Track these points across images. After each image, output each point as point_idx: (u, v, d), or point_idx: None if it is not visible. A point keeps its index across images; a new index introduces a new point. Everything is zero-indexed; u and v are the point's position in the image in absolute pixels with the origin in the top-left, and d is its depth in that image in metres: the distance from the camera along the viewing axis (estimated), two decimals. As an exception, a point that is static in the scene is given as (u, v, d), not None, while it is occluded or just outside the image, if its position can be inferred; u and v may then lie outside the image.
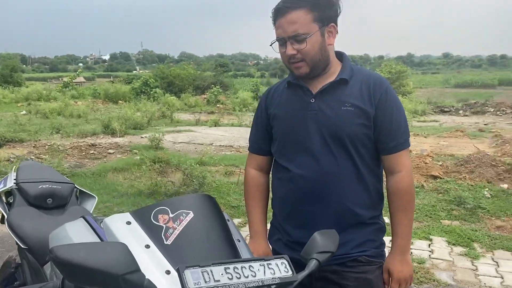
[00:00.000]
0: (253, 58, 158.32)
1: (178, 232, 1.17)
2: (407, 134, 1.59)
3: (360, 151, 1.53)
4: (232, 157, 8.05)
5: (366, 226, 1.58)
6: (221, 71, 43.57)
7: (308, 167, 1.54)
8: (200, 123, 13.49)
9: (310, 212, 1.56)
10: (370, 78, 1.57)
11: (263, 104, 1.73)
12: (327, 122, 1.52)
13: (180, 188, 5.61)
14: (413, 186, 1.60)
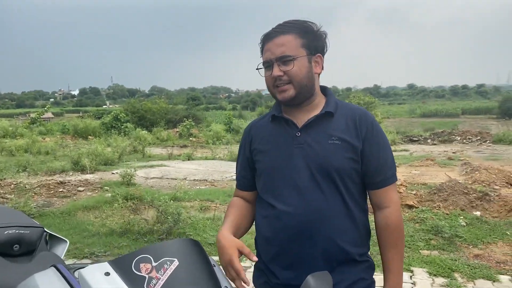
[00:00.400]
0: (224, 91, 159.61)
1: (163, 282, 1.09)
2: (394, 168, 1.57)
3: (348, 185, 1.50)
4: (207, 192, 7.91)
5: (356, 264, 1.53)
6: (193, 104, 43.71)
7: (295, 203, 1.48)
8: (173, 157, 13.30)
9: (298, 251, 1.49)
10: (355, 112, 1.56)
11: (246, 139, 1.69)
12: (314, 156, 1.48)
13: (154, 226, 5.42)
14: (402, 221, 1.58)
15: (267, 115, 1.68)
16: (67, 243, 2.31)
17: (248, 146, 1.66)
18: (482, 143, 17.07)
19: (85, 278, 1.09)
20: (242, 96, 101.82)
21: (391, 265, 1.54)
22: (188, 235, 5.32)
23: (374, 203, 1.58)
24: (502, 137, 17.24)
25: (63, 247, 2.27)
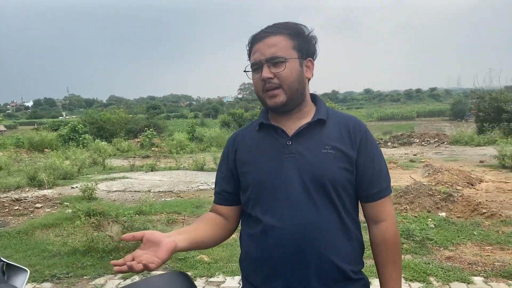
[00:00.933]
0: (185, 99, 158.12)
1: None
2: (389, 179, 1.49)
3: (342, 197, 1.40)
4: (174, 204, 7.67)
5: (352, 282, 1.42)
6: (154, 113, 42.95)
7: (287, 218, 1.37)
8: (135, 169, 12.92)
9: (291, 272, 1.37)
10: (349, 120, 1.47)
11: (229, 150, 1.55)
12: (307, 166, 1.38)
13: (120, 243, 5.15)
14: (399, 235, 1.49)
15: (253, 124, 1.56)
16: (27, 272, 2.09)
17: (233, 156, 1.52)
18: (440, 145, 17.64)
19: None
20: (203, 104, 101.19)
21: (390, 282, 1.44)
22: (156, 250, 5.08)
23: (369, 217, 1.48)
24: (458, 138, 17.89)
25: (22, 277, 2.05)
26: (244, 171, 1.48)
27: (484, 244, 5.01)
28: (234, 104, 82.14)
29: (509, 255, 4.63)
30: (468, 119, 37.48)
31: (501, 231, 5.43)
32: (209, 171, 12.12)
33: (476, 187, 8.35)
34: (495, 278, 4.04)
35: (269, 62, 1.37)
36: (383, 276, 1.45)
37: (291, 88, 1.39)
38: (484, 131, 18.49)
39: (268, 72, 1.37)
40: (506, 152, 10.29)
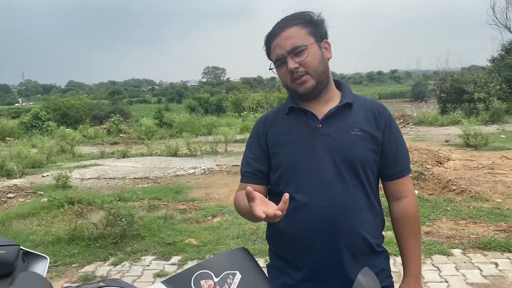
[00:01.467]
0: (147, 84, 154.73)
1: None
2: (409, 159, 1.60)
3: (369, 176, 1.49)
4: (153, 190, 7.64)
5: (378, 255, 1.53)
6: (118, 98, 41.97)
7: (319, 195, 1.45)
8: (106, 156, 12.69)
9: (325, 245, 1.45)
10: (374, 104, 1.56)
11: (260, 131, 1.61)
12: (338, 147, 1.45)
13: (105, 230, 5.12)
14: (418, 211, 1.60)
15: (281, 107, 1.63)
16: (47, 259, 2.09)
17: (264, 138, 1.58)
18: (405, 125, 18.21)
19: (142, 303, 0.97)
20: (166, 88, 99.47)
21: (412, 255, 1.55)
22: (143, 236, 5.10)
23: (392, 194, 1.58)
24: (422, 118, 18.51)
25: (43, 264, 2.05)
26: (276, 153, 1.54)
27: (458, 219, 5.30)
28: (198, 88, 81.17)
29: (482, 228, 4.93)
30: (428, 100, 38.69)
31: (472, 206, 5.75)
32: (183, 156, 12.07)
33: (444, 165, 8.73)
34: (472, 250, 4.31)
35: (291, 54, 1.43)
36: (405, 249, 1.56)
37: (317, 71, 1.46)
38: (446, 111, 19.20)
39: (293, 63, 1.43)
40: (470, 132, 10.78)
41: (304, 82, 1.45)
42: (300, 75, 1.44)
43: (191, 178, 8.88)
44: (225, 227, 5.38)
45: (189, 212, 6.27)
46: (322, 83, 1.48)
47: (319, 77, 1.46)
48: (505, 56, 21.23)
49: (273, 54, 1.48)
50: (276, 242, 1.58)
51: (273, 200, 1.59)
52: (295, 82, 1.46)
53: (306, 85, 1.45)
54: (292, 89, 1.50)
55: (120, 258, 4.57)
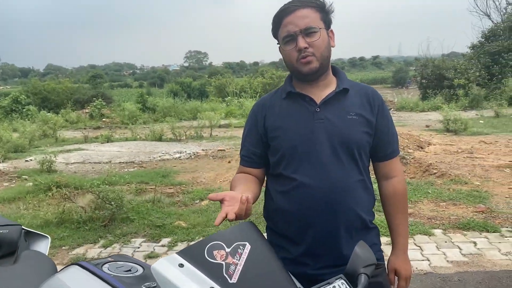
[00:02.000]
0: (128, 68, 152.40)
1: (241, 267, 1.08)
2: (398, 141, 1.71)
3: (363, 158, 1.58)
4: (139, 174, 7.66)
5: (370, 230, 1.63)
6: (99, 82, 41.33)
7: (320, 177, 1.51)
8: (90, 140, 12.60)
9: (323, 221, 1.53)
10: (368, 89, 1.64)
11: (258, 115, 1.66)
12: (336, 131, 1.52)
13: (93, 213, 5.16)
14: (406, 189, 1.71)
15: (277, 92, 1.68)
16: (49, 239, 2.16)
17: (262, 122, 1.63)
18: (387, 111, 18.46)
19: (160, 272, 1.05)
20: (148, 73, 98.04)
21: (400, 229, 1.66)
22: (132, 219, 5.16)
23: (382, 174, 1.67)
24: (404, 104, 18.81)
25: (45, 243, 2.13)
26: (275, 136, 1.59)
27: (438, 201, 5.49)
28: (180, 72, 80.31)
29: (461, 210, 5.13)
30: (409, 86, 39.14)
31: (452, 189, 5.95)
32: (168, 141, 12.07)
33: (425, 150, 8.96)
34: (452, 230, 4.50)
35: (303, 33, 1.48)
36: (394, 224, 1.67)
37: (323, 56, 1.52)
38: (427, 97, 19.53)
39: (304, 42, 1.47)
40: (450, 117, 11.04)
41: (309, 63, 1.50)
42: (307, 55, 1.49)
43: (177, 162, 8.91)
44: (213, 210, 5.46)
45: (176, 195, 6.33)
46: (324, 67, 1.55)
47: (323, 61, 1.52)
48: (484, 43, 21.61)
49: (284, 30, 1.51)
50: (276, 220, 1.64)
51: (273, 181, 1.66)
52: (300, 60, 1.51)
53: (310, 66, 1.51)
54: (296, 68, 1.54)
55: (110, 240, 4.63)
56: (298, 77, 1.60)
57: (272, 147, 1.62)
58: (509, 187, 5.98)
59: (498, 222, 4.68)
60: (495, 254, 3.93)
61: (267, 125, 1.62)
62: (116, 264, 1.46)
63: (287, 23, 1.49)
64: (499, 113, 13.87)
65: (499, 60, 20.30)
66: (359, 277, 1.22)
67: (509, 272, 3.58)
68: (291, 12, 1.49)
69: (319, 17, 1.51)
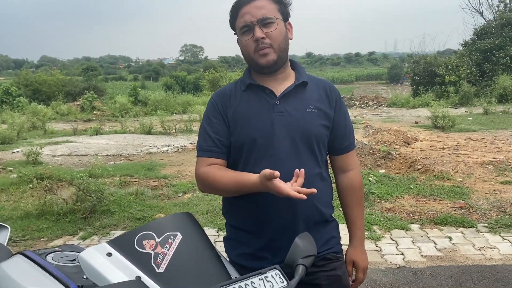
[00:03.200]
0: (123, 61, 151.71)
1: (170, 257, 1.09)
2: (354, 135, 1.71)
3: (321, 151, 1.58)
4: (124, 167, 7.65)
5: (329, 223, 1.63)
6: (92, 75, 41.13)
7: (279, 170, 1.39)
8: (79, 133, 12.55)
9: (282, 216, 1.51)
10: (325, 83, 1.65)
11: (217, 107, 1.59)
12: (295, 123, 1.51)
13: (74, 205, 5.15)
14: (362, 182, 1.73)
15: (236, 84, 1.64)
16: (8, 229, 2.14)
17: (222, 114, 1.57)
18: (379, 107, 18.53)
19: (87, 261, 1.05)
20: (143, 66, 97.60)
21: (357, 222, 1.68)
22: (113, 211, 5.16)
23: (339, 167, 1.68)
24: (395, 100, 18.88)
25: (3, 234, 2.11)
26: (235, 128, 1.54)
27: (419, 196, 5.53)
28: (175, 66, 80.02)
29: (441, 205, 5.17)
30: (403, 82, 39.24)
31: (434, 184, 5.99)
32: (157, 134, 12.05)
33: (412, 145, 9.00)
34: (429, 225, 4.53)
35: (260, 23, 1.46)
36: (351, 216, 1.68)
37: (280, 47, 1.50)
38: (419, 94, 19.60)
39: (261, 32, 1.46)
40: (438, 114, 11.09)
41: (266, 55, 1.48)
42: (264, 47, 1.48)
43: (164, 155, 8.91)
44: (195, 203, 5.48)
45: (160, 188, 6.34)
46: (282, 60, 1.53)
47: (281, 53, 1.51)
48: (476, 41, 21.67)
49: (240, 20, 1.50)
50: (235, 216, 1.62)
51: None
52: (258, 52, 1.49)
53: (267, 58, 1.49)
54: (253, 59, 1.52)
55: (89, 232, 4.63)
56: (256, 69, 1.57)
57: (232, 141, 1.56)
58: (491, 183, 6.03)
59: (476, 217, 4.72)
60: (469, 249, 3.96)
61: (227, 116, 1.57)
62: (62, 253, 1.47)
63: (243, 13, 1.48)
64: (488, 110, 13.94)
65: (490, 57, 20.38)
66: (297, 268, 1.23)
67: (481, 267, 3.62)
68: (248, 3, 1.48)
69: (276, 8, 1.50)
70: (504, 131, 10.33)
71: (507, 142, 8.80)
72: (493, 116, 13.18)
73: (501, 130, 10.48)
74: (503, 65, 20.19)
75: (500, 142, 8.84)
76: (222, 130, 1.57)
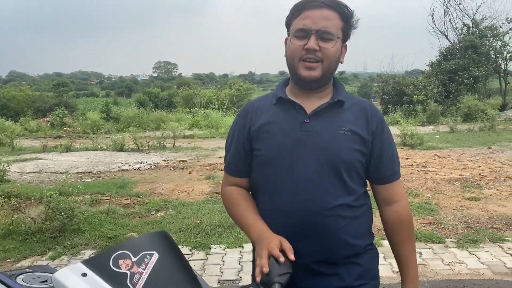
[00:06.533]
0: (95, 77, 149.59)
1: (146, 276, 1.10)
2: (399, 163, 1.56)
3: (353, 178, 1.43)
4: (96, 184, 7.51)
5: (361, 255, 1.48)
6: (62, 91, 40.44)
7: (299, 196, 1.39)
8: (49, 149, 12.24)
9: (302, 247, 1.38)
10: (366, 104, 1.51)
11: (243, 121, 1.53)
12: (323, 146, 1.39)
13: (43, 224, 5.02)
14: (411, 215, 1.56)
15: (268, 96, 1.56)
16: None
17: (247, 129, 1.50)
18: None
19: (61, 282, 1.04)
20: (116, 82, 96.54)
21: (409, 260, 1.50)
22: (83, 230, 5.05)
23: (383, 199, 1.52)
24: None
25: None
26: (257, 145, 1.47)
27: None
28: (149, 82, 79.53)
29: (419, 224, 5.28)
30: (373, 101, 40.11)
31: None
32: (129, 151, 11.89)
33: (382, 163, 9.19)
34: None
35: (319, 34, 1.35)
36: (401, 255, 1.50)
37: (330, 67, 1.40)
38: (388, 112, 20.08)
39: (316, 44, 1.34)
40: (407, 132, 11.39)
41: (312, 68, 1.38)
42: (313, 60, 1.37)
43: (137, 173, 8.80)
44: (168, 221, 5.42)
45: (132, 207, 6.24)
46: (325, 79, 1.43)
47: (327, 72, 1.40)
48: (442, 62, 22.50)
49: (299, 22, 1.37)
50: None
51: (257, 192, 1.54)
52: (304, 61, 1.38)
53: (312, 72, 1.39)
54: (295, 67, 1.41)
55: (59, 252, 4.51)
56: (294, 79, 1.47)
57: (254, 157, 1.50)
58: (458, 199, 6.21)
59: (444, 233, 4.85)
60: (438, 264, 4.07)
61: (252, 132, 1.49)
62: (33, 274, 1.45)
63: (306, 16, 1.36)
64: (454, 128, 14.40)
65: (455, 78, 21.15)
66: (273, 286, 1.25)
67: (449, 282, 3.72)
68: (315, 8, 1.35)
69: (341, 26, 1.39)
70: (470, 148, 10.69)
71: (472, 160, 9.11)
72: (459, 134, 13.63)
73: (466, 148, 10.84)
74: (467, 85, 21.02)
75: (465, 160, 9.14)
76: (242, 146, 1.53)
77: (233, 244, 4.68)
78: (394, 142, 1.54)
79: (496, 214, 5.49)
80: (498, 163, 8.63)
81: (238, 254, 4.44)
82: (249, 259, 4.27)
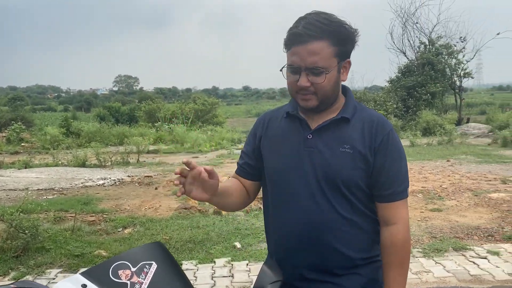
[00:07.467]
0: (53, 91, 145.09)
1: (146, 286, 1.11)
2: (407, 183, 1.48)
3: (355, 194, 1.43)
4: (59, 201, 7.28)
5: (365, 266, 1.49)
6: (18, 105, 39.06)
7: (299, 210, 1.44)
8: (5, 166, 11.75)
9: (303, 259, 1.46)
10: (374, 118, 1.47)
11: (257, 131, 1.60)
12: (323, 162, 1.41)
13: (5, 243, 4.80)
14: (409, 241, 1.49)
15: (282, 108, 1.59)
16: None
17: (258, 139, 1.58)
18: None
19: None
20: (74, 96, 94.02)
21: (392, 285, 1.44)
22: (48, 249, 4.87)
23: (381, 217, 1.48)
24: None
25: None
26: (265, 156, 1.55)
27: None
28: (109, 97, 77.97)
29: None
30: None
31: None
32: (92, 167, 11.60)
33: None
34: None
35: (308, 71, 1.35)
36: (387, 278, 1.45)
37: (325, 95, 1.40)
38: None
39: (306, 81, 1.36)
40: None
41: (307, 100, 1.40)
42: (307, 93, 1.39)
43: (101, 189, 8.59)
44: (136, 238, 5.32)
45: (98, 224, 6.08)
46: (325, 104, 1.43)
47: (324, 99, 1.41)
48: (401, 78, 23.39)
49: (290, 57, 1.38)
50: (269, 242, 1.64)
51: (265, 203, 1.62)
52: (299, 95, 1.41)
53: (308, 103, 1.41)
54: (294, 97, 1.46)
55: (22, 272, 4.33)
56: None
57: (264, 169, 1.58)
58: (421, 211, 6.43)
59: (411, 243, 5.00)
60: (406, 273, 4.18)
61: (262, 143, 1.57)
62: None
63: (294, 52, 1.36)
64: (414, 142, 14.93)
65: (413, 93, 22.03)
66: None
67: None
68: (302, 43, 1.34)
69: (333, 53, 1.36)
70: (430, 161, 11.10)
71: (433, 172, 9.47)
72: (419, 148, 14.13)
73: (426, 161, 11.25)
74: (425, 101, 21.92)
75: (426, 172, 9.48)
76: (253, 154, 1.60)
77: (205, 259, 4.64)
78: (405, 160, 1.48)
79: (458, 224, 5.72)
80: (457, 175, 9.01)
81: (211, 269, 4.40)
82: (222, 274, 4.26)
